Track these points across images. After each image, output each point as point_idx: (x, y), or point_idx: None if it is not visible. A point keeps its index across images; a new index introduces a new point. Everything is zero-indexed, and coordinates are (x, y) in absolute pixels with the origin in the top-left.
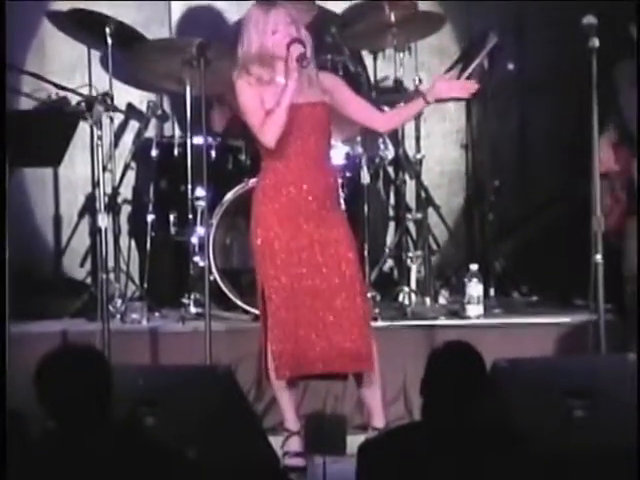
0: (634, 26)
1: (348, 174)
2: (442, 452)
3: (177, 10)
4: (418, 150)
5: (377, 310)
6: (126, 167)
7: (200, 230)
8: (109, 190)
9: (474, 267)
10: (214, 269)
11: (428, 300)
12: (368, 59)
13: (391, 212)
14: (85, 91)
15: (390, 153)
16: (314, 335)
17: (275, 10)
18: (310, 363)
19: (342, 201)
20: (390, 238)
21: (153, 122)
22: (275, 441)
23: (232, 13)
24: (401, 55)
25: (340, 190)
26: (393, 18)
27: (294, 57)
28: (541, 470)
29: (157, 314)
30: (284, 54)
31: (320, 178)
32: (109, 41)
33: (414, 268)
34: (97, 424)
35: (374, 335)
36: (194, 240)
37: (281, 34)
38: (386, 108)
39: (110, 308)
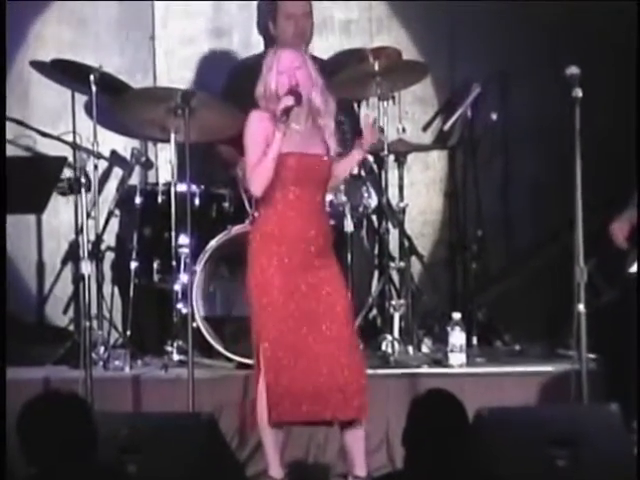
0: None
1: (332, 222)
2: None
3: (161, 57)
4: (401, 199)
5: None
6: (110, 214)
7: (183, 277)
8: (92, 237)
9: (457, 316)
10: (197, 316)
11: (411, 349)
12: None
13: (375, 261)
14: (69, 138)
15: (373, 201)
16: (309, 381)
17: (286, 52)
18: (305, 410)
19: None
20: (374, 287)
21: (137, 169)
22: None
23: (216, 62)
24: (385, 104)
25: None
26: (377, 67)
27: (279, 109)
28: None
29: (140, 361)
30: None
31: (316, 228)
32: (93, 89)
33: (397, 317)
34: (80, 471)
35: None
36: (177, 287)
37: (286, 76)
38: (369, 156)
39: (93, 355)
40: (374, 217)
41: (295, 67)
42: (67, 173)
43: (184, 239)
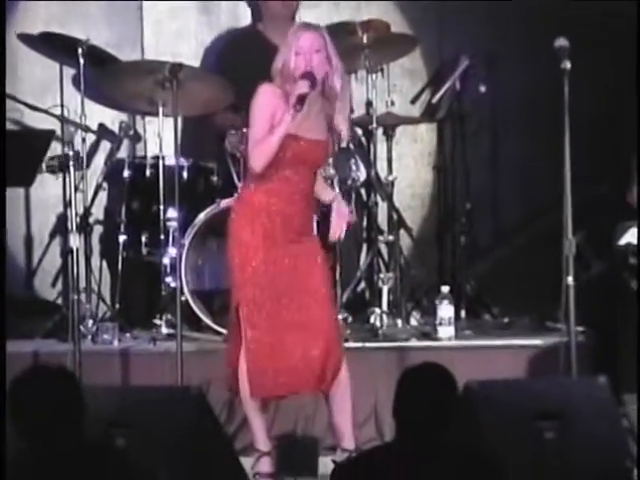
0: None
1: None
2: (414, 474)
3: (149, 30)
4: (390, 172)
5: (349, 331)
6: (98, 187)
7: (172, 251)
8: (81, 210)
9: (445, 289)
10: (186, 290)
11: (399, 322)
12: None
13: (363, 234)
14: (57, 111)
15: (362, 175)
16: (287, 354)
17: (306, 32)
18: (285, 384)
19: (315, 224)
20: (362, 260)
21: (125, 143)
22: (246, 462)
23: (204, 35)
24: (373, 77)
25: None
26: (365, 40)
27: (294, 95)
28: None
29: (128, 335)
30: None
31: (302, 209)
32: (81, 62)
33: (386, 290)
34: (68, 445)
35: (345, 356)
36: (166, 261)
37: (303, 57)
38: (358, 129)
39: (81, 329)
40: (362, 190)
41: (314, 50)
42: (57, 150)
43: (172, 212)
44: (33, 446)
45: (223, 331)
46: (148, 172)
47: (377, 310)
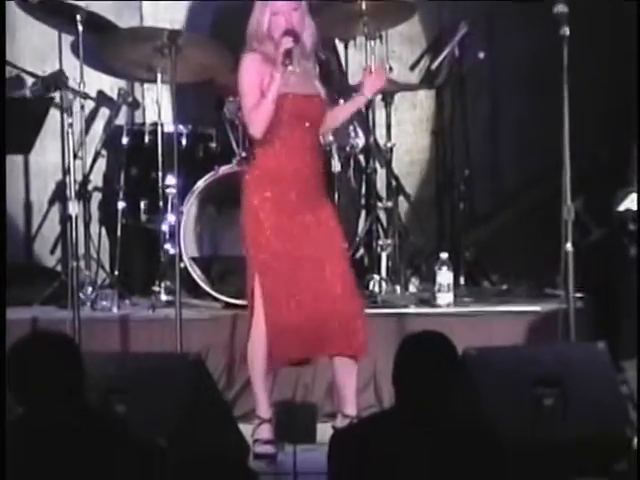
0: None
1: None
2: (413, 441)
3: None
4: (389, 138)
5: None
6: (97, 154)
7: (171, 218)
8: (80, 177)
9: (444, 255)
10: (185, 257)
11: (398, 288)
12: (339, 47)
13: (362, 200)
14: None
15: (360, 141)
16: (309, 318)
17: None
18: (305, 347)
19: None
20: (361, 226)
21: (124, 109)
22: (245, 429)
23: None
24: (372, 43)
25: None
26: (364, 6)
27: (280, 51)
28: (511, 457)
29: (127, 301)
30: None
31: (311, 167)
32: (80, 29)
33: (384, 256)
34: (67, 411)
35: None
36: (165, 228)
37: (282, 17)
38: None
39: (80, 295)
40: (361, 157)
41: (292, 8)
42: (56, 117)
43: (171, 179)
44: (32, 412)
45: (222, 297)
46: (147, 139)
47: (376, 276)
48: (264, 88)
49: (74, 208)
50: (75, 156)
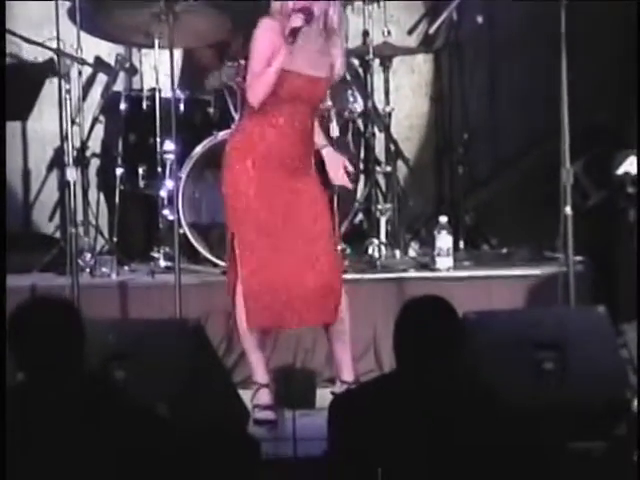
0: None
1: None
2: (414, 404)
3: None
4: (387, 103)
5: (347, 263)
6: (95, 121)
7: (169, 184)
8: (78, 144)
9: (443, 219)
10: (183, 222)
11: (398, 252)
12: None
13: (360, 165)
14: (53, 44)
15: (359, 106)
16: (287, 286)
17: None
18: (283, 316)
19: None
20: (360, 191)
21: (121, 75)
22: (245, 395)
23: None
24: (370, 8)
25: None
26: None
27: (288, 28)
28: (511, 422)
29: (127, 268)
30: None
31: (298, 144)
32: None
33: (384, 221)
34: (68, 376)
35: (344, 288)
36: (163, 193)
37: None
38: (354, 60)
39: (79, 262)
40: (360, 121)
41: None
42: (54, 82)
43: (169, 145)
44: (33, 377)
45: (221, 263)
46: (145, 105)
47: (375, 241)
48: (273, 57)
49: (72, 174)
50: (73, 122)
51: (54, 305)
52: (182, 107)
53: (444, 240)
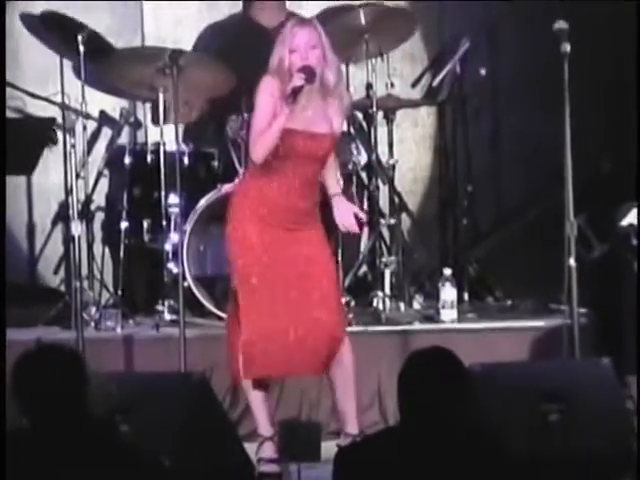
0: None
1: (321, 179)
2: (418, 458)
3: (149, 17)
4: (391, 155)
5: (351, 315)
6: (99, 174)
7: (174, 237)
8: (82, 197)
9: (448, 272)
10: (188, 276)
11: (402, 305)
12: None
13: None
14: (58, 99)
15: (363, 158)
16: (285, 336)
17: (302, 29)
18: (277, 365)
19: (318, 210)
20: (363, 244)
21: (126, 129)
22: (251, 448)
23: (204, 21)
24: (373, 61)
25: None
26: (364, 21)
27: (289, 88)
28: (517, 474)
29: (131, 321)
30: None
31: (299, 200)
32: (81, 49)
33: (388, 273)
34: (72, 424)
35: (349, 340)
36: (168, 247)
37: (299, 55)
38: (358, 113)
39: (84, 316)
40: (363, 174)
41: (310, 46)
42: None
43: (174, 198)
44: (35, 424)
45: (225, 316)
46: (149, 158)
47: (380, 294)
48: (275, 114)
49: (77, 228)
50: (77, 176)
51: (60, 351)
52: (186, 160)
53: (448, 292)
